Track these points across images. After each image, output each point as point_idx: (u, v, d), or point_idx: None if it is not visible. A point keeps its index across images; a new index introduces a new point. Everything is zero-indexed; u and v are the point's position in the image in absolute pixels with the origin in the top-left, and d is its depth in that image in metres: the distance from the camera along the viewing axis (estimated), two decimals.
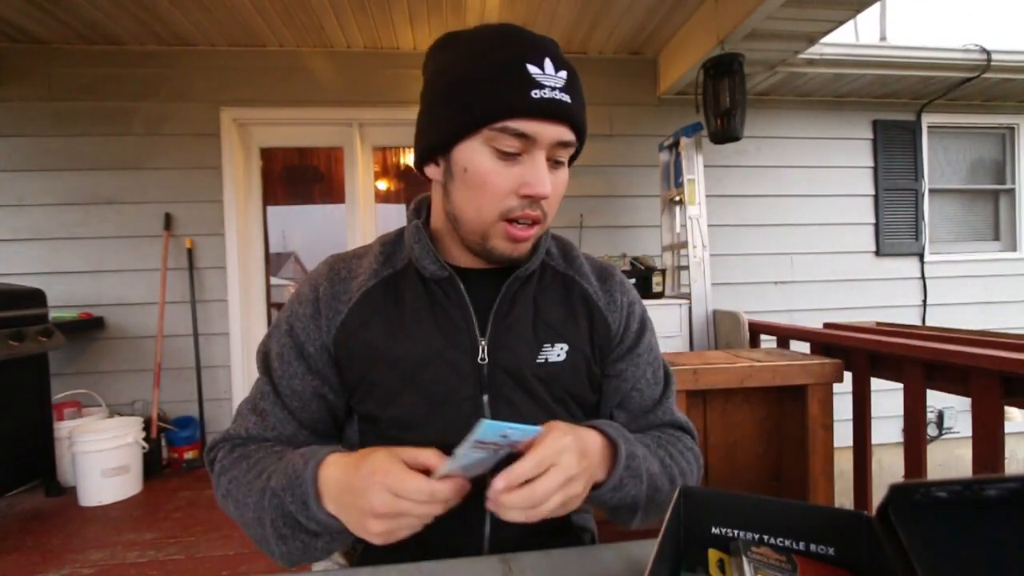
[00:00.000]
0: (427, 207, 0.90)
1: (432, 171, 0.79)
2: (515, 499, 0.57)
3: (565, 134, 0.70)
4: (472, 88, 0.69)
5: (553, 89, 0.67)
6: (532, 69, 0.67)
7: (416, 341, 0.77)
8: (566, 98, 0.68)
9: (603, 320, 0.86)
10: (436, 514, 0.58)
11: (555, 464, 0.59)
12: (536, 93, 0.66)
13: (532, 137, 0.68)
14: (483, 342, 0.79)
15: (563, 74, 0.69)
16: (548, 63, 0.68)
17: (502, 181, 0.70)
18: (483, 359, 0.78)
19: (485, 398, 0.78)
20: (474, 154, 0.70)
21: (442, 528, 0.64)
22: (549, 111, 0.67)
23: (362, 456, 0.62)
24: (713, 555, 0.54)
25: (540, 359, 0.81)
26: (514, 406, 0.79)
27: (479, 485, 0.62)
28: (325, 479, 0.63)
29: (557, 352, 0.82)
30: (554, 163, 0.73)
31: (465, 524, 0.77)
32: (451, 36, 0.76)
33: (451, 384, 0.77)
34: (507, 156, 0.70)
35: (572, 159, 0.78)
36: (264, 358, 0.82)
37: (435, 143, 0.75)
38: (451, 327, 0.79)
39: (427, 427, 0.76)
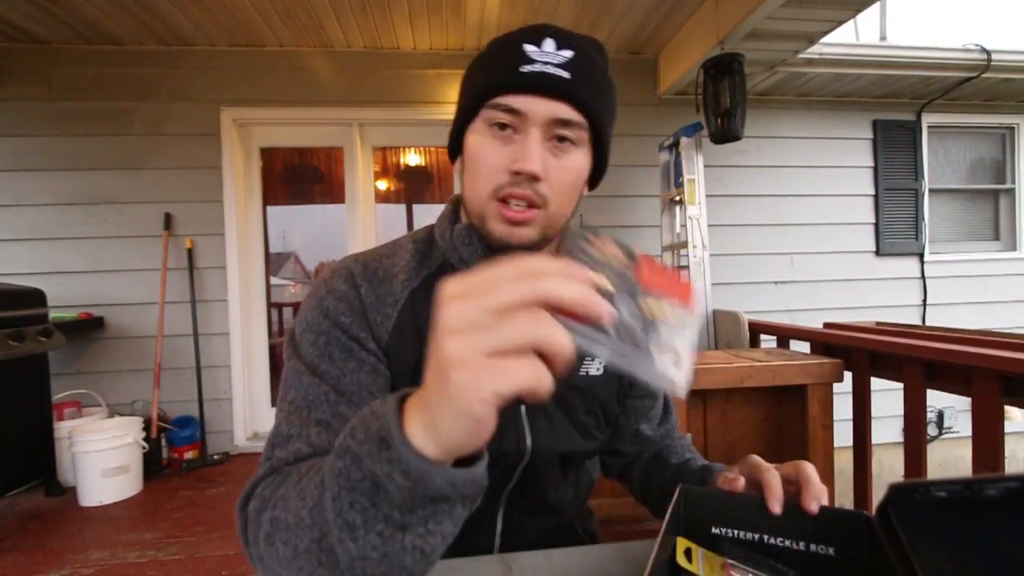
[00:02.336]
0: (461, 208, 0.85)
1: (459, 165, 0.78)
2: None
3: (561, 110, 0.67)
4: (476, 72, 0.71)
5: (547, 64, 0.66)
6: (528, 47, 0.66)
7: None
8: (563, 73, 0.66)
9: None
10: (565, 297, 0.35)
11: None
12: (526, 68, 0.65)
13: (523, 113, 0.66)
14: None
15: (567, 52, 0.67)
16: (549, 42, 0.67)
17: (494, 158, 0.69)
18: None
19: (523, 408, 0.78)
20: (474, 135, 0.71)
21: None
22: (538, 84, 0.66)
23: None
24: (681, 543, 0.54)
25: (582, 371, 0.81)
26: (549, 417, 0.79)
27: (492, 491, 0.62)
28: (414, 403, 0.41)
29: (596, 366, 0.82)
30: (557, 146, 0.69)
31: (479, 526, 0.78)
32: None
33: None
34: (502, 134, 0.69)
35: (602, 153, 0.75)
36: (307, 364, 0.68)
37: (454, 133, 0.75)
38: None
39: None
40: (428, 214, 3.88)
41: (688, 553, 0.53)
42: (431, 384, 0.37)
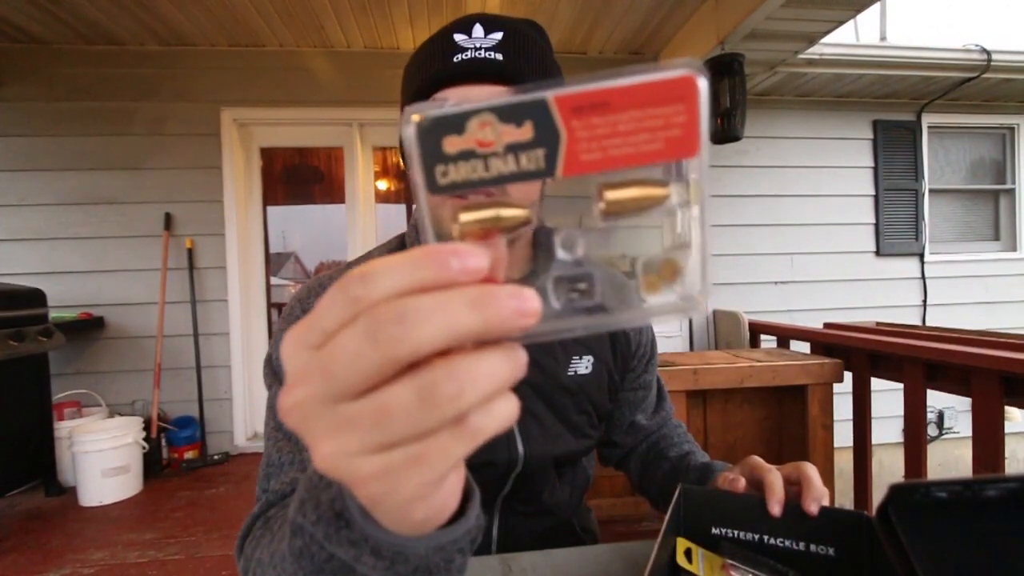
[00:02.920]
0: None
1: None
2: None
3: (500, 94, 0.64)
4: (410, 74, 0.68)
5: (478, 50, 0.64)
6: (458, 37, 0.65)
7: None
8: (496, 56, 0.64)
9: (623, 331, 0.86)
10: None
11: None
12: (457, 57, 0.64)
13: None
14: None
15: (497, 35, 0.65)
16: (477, 27, 0.66)
17: None
18: None
19: None
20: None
21: None
22: (470, 71, 0.64)
23: None
24: (681, 543, 0.54)
25: (570, 372, 0.80)
26: (540, 422, 0.78)
27: (487, 498, 0.61)
28: None
29: (585, 364, 0.82)
30: None
31: None
32: None
33: None
34: None
35: None
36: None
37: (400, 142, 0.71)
38: None
39: None
40: None
41: (688, 553, 0.53)
42: None
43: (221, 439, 3.45)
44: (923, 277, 3.99)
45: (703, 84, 0.22)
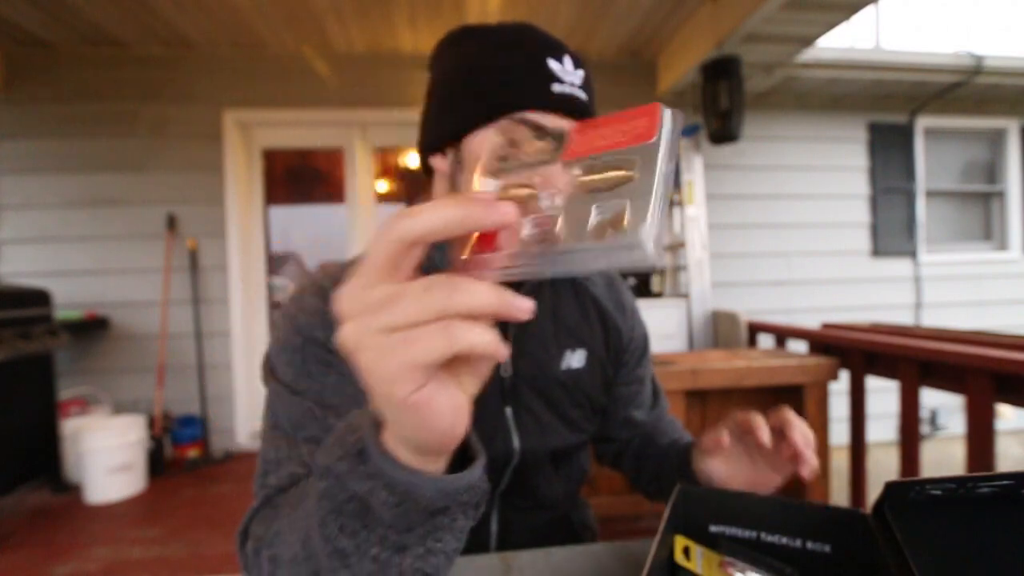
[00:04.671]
0: None
1: (438, 161, 0.74)
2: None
3: None
4: (491, 78, 0.67)
5: (573, 86, 0.67)
6: (553, 64, 0.66)
7: None
8: (583, 96, 0.68)
9: (615, 325, 0.87)
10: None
11: None
12: (557, 88, 0.66)
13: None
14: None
15: (581, 73, 0.68)
16: (568, 60, 0.68)
17: None
18: (506, 371, 0.77)
19: (508, 411, 0.77)
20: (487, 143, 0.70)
21: None
22: (568, 106, 0.66)
23: None
24: (680, 541, 0.54)
25: (564, 366, 0.81)
26: (535, 416, 0.79)
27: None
28: None
29: (578, 358, 0.82)
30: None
31: (474, 526, 0.79)
32: (467, 30, 0.74)
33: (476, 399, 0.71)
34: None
35: None
36: (285, 385, 0.65)
37: (447, 132, 0.71)
38: None
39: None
40: None
41: (687, 551, 0.53)
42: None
43: (223, 437, 3.46)
44: (917, 277, 4.02)
45: (668, 110, 0.32)
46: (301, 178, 3.84)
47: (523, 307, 0.30)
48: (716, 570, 0.52)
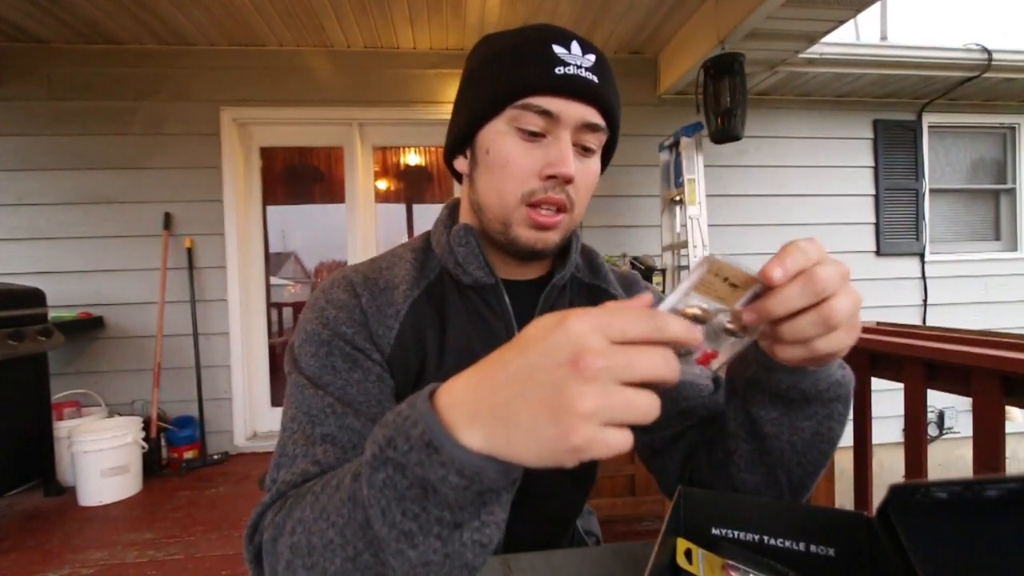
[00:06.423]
0: (458, 211, 0.83)
1: (461, 164, 0.76)
2: (797, 292, 0.44)
3: (591, 115, 0.68)
4: (496, 69, 0.68)
5: (579, 68, 0.66)
6: (557, 49, 0.66)
7: (461, 355, 0.72)
8: (592, 78, 0.66)
9: None
10: (661, 376, 0.37)
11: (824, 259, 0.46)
12: (559, 69, 0.65)
13: (555, 115, 0.66)
14: None
15: (591, 57, 0.68)
16: (575, 45, 0.67)
17: (524, 162, 0.68)
18: None
19: None
20: (497, 135, 0.69)
21: None
22: (572, 88, 0.65)
23: (512, 343, 0.41)
24: (681, 544, 0.53)
25: None
26: None
27: None
28: (451, 402, 0.41)
29: None
30: (582, 150, 0.70)
31: None
32: (484, 37, 0.75)
33: None
34: (530, 137, 0.67)
35: (607, 157, 0.77)
36: (308, 377, 0.65)
37: (462, 130, 0.73)
38: (492, 339, 0.73)
39: None
40: (428, 214, 3.88)
41: (688, 554, 0.52)
42: (517, 404, 0.37)
43: (221, 439, 3.45)
44: (923, 277, 3.99)
45: None
46: (300, 177, 3.84)
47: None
48: (718, 573, 0.52)
